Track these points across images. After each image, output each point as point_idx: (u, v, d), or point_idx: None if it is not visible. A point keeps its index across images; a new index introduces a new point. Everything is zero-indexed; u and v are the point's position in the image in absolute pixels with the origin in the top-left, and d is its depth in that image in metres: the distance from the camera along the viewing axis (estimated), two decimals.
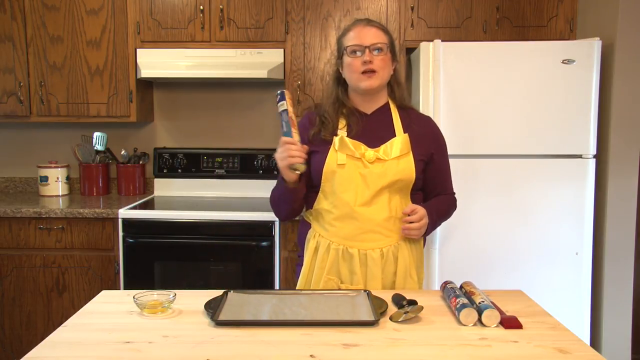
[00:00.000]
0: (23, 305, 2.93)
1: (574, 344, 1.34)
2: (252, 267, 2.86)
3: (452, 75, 2.69)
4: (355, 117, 1.86)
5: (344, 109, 1.88)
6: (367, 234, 1.78)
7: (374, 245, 1.79)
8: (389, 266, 1.80)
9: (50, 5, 3.11)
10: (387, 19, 3.05)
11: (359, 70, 1.80)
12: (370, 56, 1.79)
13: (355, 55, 1.80)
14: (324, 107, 1.89)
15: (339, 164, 1.78)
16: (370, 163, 1.79)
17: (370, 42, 1.79)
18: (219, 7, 3.07)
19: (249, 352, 1.29)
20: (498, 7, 3.03)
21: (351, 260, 1.79)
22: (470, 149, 2.72)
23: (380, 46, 1.80)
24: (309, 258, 1.86)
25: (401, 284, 1.81)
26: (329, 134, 1.83)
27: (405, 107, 1.92)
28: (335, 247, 1.80)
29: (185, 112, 3.51)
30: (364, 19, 1.86)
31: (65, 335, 1.39)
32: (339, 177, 1.79)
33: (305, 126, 1.89)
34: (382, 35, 1.83)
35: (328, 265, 1.81)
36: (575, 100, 2.67)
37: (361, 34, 1.81)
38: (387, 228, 1.79)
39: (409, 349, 1.31)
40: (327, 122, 1.85)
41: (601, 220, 2.81)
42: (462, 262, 2.74)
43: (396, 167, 1.79)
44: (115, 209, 2.90)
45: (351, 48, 1.80)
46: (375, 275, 1.78)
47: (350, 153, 1.79)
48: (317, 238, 1.85)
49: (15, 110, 3.17)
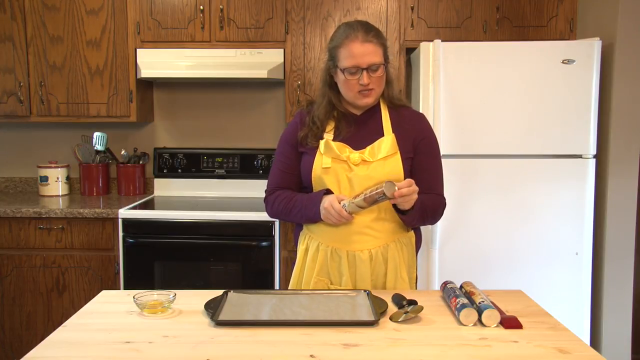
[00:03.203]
0: (23, 305, 2.93)
1: (574, 344, 1.34)
2: (252, 267, 2.86)
3: (452, 75, 2.69)
4: (344, 121, 1.85)
5: (335, 112, 1.87)
6: (355, 235, 1.78)
7: (362, 246, 1.78)
8: (378, 267, 1.80)
9: (50, 5, 3.11)
10: (387, 19, 3.05)
11: (356, 89, 1.79)
12: (368, 77, 1.76)
13: (353, 75, 1.77)
14: (315, 110, 1.88)
15: (323, 168, 1.79)
16: (355, 165, 1.78)
17: (368, 63, 1.75)
18: (219, 7, 3.07)
19: (249, 352, 1.29)
20: (498, 7, 3.03)
21: (340, 262, 1.79)
22: (470, 149, 2.72)
23: (376, 66, 1.77)
24: (301, 259, 1.87)
25: (392, 285, 1.81)
26: (315, 140, 1.83)
27: (396, 106, 1.89)
28: (324, 248, 1.80)
29: (185, 112, 3.51)
30: (359, 29, 1.77)
31: (65, 335, 1.40)
32: (326, 180, 1.79)
33: (296, 126, 1.90)
34: (378, 50, 1.77)
35: (318, 266, 1.81)
36: (575, 100, 2.67)
37: (358, 54, 1.74)
38: (376, 229, 1.79)
39: (409, 349, 1.31)
40: (315, 127, 1.84)
41: (601, 220, 2.81)
42: (462, 262, 2.74)
43: (382, 168, 1.78)
44: (115, 209, 2.90)
45: (348, 70, 1.76)
46: (365, 277, 1.79)
47: (336, 156, 1.79)
48: (307, 239, 1.86)
49: (15, 110, 3.17)
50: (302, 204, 1.81)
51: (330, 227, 1.79)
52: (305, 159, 1.85)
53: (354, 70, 1.76)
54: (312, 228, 1.85)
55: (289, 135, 1.91)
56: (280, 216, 1.90)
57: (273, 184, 1.92)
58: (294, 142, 1.88)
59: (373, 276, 1.80)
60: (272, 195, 1.90)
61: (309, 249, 1.84)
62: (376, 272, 1.80)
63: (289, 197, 1.85)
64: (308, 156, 1.84)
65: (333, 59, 1.82)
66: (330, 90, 1.87)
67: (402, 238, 1.84)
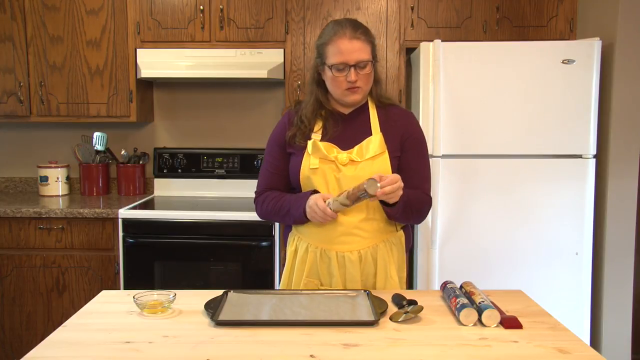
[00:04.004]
0: (23, 305, 2.93)
1: (574, 344, 1.34)
2: (252, 267, 2.86)
3: (452, 75, 2.69)
4: (332, 120, 1.84)
5: (322, 111, 1.85)
6: (345, 236, 1.77)
7: (352, 247, 1.78)
8: (367, 268, 1.80)
9: (50, 5, 3.11)
10: (387, 19, 3.05)
11: (343, 86, 1.78)
12: (356, 74, 1.75)
13: (340, 72, 1.76)
14: (303, 109, 1.87)
15: (311, 168, 1.78)
16: (343, 166, 1.78)
17: (356, 60, 1.74)
18: (219, 7, 3.07)
19: (249, 352, 1.29)
20: (498, 7, 3.03)
21: (329, 263, 1.79)
22: (470, 149, 2.72)
23: (364, 64, 1.76)
24: (290, 260, 1.87)
25: (382, 285, 1.80)
26: (303, 139, 1.82)
27: (384, 105, 1.88)
28: (314, 249, 1.80)
29: (185, 112, 3.51)
30: (347, 26, 1.77)
31: (65, 335, 1.39)
32: (315, 181, 1.79)
33: (285, 126, 1.89)
34: (366, 47, 1.77)
35: (307, 267, 1.81)
36: (575, 100, 2.67)
37: (346, 50, 1.74)
38: (365, 230, 1.78)
39: (409, 349, 1.31)
40: (302, 125, 1.83)
41: (601, 220, 2.81)
42: (462, 262, 2.74)
43: (370, 167, 1.77)
44: (115, 209, 2.90)
45: (336, 67, 1.75)
46: (354, 277, 1.78)
47: (323, 157, 1.78)
48: (296, 240, 1.86)
49: (15, 110, 3.17)
50: (289, 204, 1.80)
51: (319, 228, 1.78)
52: (293, 160, 1.84)
53: (342, 67, 1.75)
54: (301, 229, 1.84)
55: (277, 135, 1.90)
56: (270, 216, 1.89)
57: (262, 185, 1.91)
58: (282, 142, 1.87)
59: (362, 277, 1.80)
60: (262, 196, 1.89)
61: (298, 250, 1.84)
62: (366, 273, 1.80)
63: (277, 197, 1.84)
64: (296, 157, 1.83)
65: (321, 56, 1.81)
66: (318, 88, 1.86)
67: (392, 238, 1.84)
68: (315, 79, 1.87)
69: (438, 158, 2.68)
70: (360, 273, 1.79)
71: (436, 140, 2.67)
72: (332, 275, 1.79)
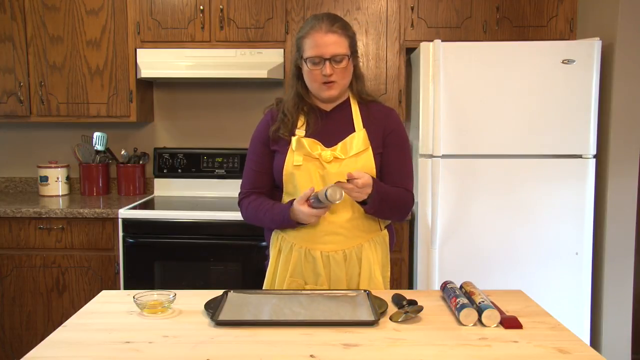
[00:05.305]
0: (23, 305, 2.93)
1: (574, 344, 1.34)
2: (252, 267, 2.85)
3: (452, 75, 2.69)
4: (314, 115, 1.83)
5: (304, 106, 1.84)
6: (329, 235, 1.77)
7: (337, 247, 1.78)
8: (352, 267, 1.79)
9: (50, 5, 3.11)
10: (387, 19, 3.05)
11: (319, 80, 1.77)
12: (331, 68, 1.74)
13: (316, 66, 1.76)
14: (285, 104, 1.86)
15: (295, 165, 1.77)
16: (327, 163, 1.77)
17: (331, 53, 1.73)
18: (219, 7, 3.07)
19: (249, 352, 1.29)
20: (498, 7, 3.03)
21: (314, 263, 1.78)
22: (470, 149, 2.72)
23: (340, 57, 1.75)
24: (274, 259, 1.86)
25: (365, 285, 1.80)
26: (288, 133, 1.80)
27: (366, 101, 1.87)
28: (298, 249, 1.79)
29: (185, 112, 3.51)
30: (324, 20, 1.77)
31: (65, 335, 1.39)
32: (298, 178, 1.77)
33: (267, 124, 1.87)
34: (343, 40, 1.76)
35: (291, 267, 1.80)
36: (575, 100, 2.67)
37: (321, 44, 1.73)
38: (350, 229, 1.78)
39: (409, 349, 1.31)
40: (286, 119, 1.82)
41: (601, 220, 2.81)
42: (462, 262, 2.74)
43: (355, 164, 1.76)
44: (115, 209, 2.90)
45: (311, 60, 1.75)
46: (339, 277, 1.78)
47: (307, 154, 1.77)
48: (280, 240, 1.84)
49: (15, 110, 3.17)
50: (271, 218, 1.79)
51: (303, 228, 1.77)
52: (277, 157, 1.83)
53: (317, 60, 1.74)
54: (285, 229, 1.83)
55: (260, 133, 1.89)
56: (253, 222, 1.88)
57: (247, 185, 1.89)
58: (265, 140, 1.86)
59: (347, 276, 1.79)
60: (246, 200, 1.87)
61: (282, 250, 1.83)
62: (350, 273, 1.80)
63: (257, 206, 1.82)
64: (280, 154, 1.82)
65: (299, 49, 1.81)
66: (299, 82, 1.86)
67: (376, 237, 1.84)
68: (295, 74, 1.87)
69: (438, 158, 2.68)
70: (345, 273, 1.78)
71: (436, 140, 2.67)
72: (317, 275, 1.78)
